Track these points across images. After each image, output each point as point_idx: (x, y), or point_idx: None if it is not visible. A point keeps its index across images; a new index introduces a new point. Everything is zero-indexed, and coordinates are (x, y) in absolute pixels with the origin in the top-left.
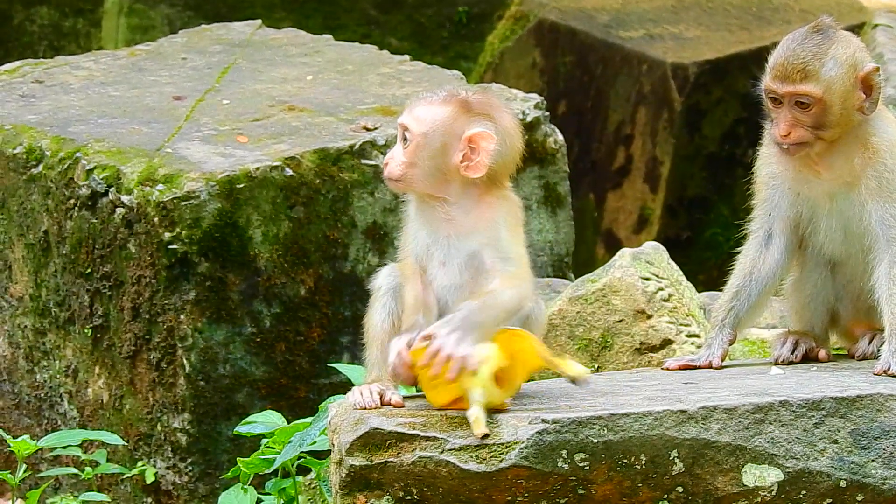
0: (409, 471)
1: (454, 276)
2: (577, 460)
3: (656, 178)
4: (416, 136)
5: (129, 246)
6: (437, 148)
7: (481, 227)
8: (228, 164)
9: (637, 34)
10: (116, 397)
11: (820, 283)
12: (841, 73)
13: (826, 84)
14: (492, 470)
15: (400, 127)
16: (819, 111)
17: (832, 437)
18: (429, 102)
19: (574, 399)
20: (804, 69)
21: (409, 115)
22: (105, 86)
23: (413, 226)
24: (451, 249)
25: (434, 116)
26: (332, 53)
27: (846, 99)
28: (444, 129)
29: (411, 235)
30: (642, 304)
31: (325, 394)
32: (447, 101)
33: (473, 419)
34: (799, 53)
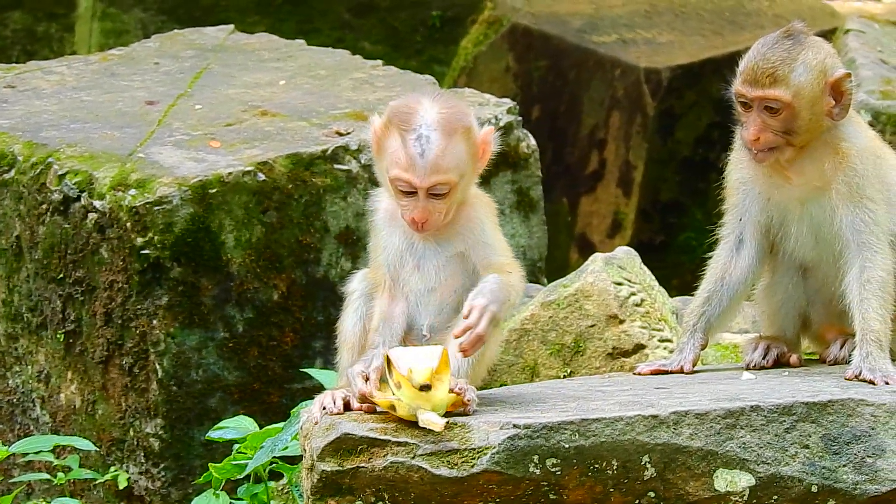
0: (380, 476)
1: (430, 280)
2: (548, 465)
3: (630, 182)
4: (455, 184)
5: (102, 251)
6: (469, 175)
7: (465, 229)
8: (201, 169)
9: (610, 39)
10: (89, 402)
11: (791, 288)
12: (810, 78)
13: (795, 89)
14: (463, 475)
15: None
16: (788, 116)
17: (803, 442)
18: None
19: (546, 404)
20: (773, 74)
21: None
22: (77, 91)
23: (384, 234)
24: (427, 252)
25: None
26: (305, 58)
27: (815, 104)
28: (472, 155)
29: (381, 244)
30: (615, 308)
31: (298, 399)
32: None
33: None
34: (769, 58)
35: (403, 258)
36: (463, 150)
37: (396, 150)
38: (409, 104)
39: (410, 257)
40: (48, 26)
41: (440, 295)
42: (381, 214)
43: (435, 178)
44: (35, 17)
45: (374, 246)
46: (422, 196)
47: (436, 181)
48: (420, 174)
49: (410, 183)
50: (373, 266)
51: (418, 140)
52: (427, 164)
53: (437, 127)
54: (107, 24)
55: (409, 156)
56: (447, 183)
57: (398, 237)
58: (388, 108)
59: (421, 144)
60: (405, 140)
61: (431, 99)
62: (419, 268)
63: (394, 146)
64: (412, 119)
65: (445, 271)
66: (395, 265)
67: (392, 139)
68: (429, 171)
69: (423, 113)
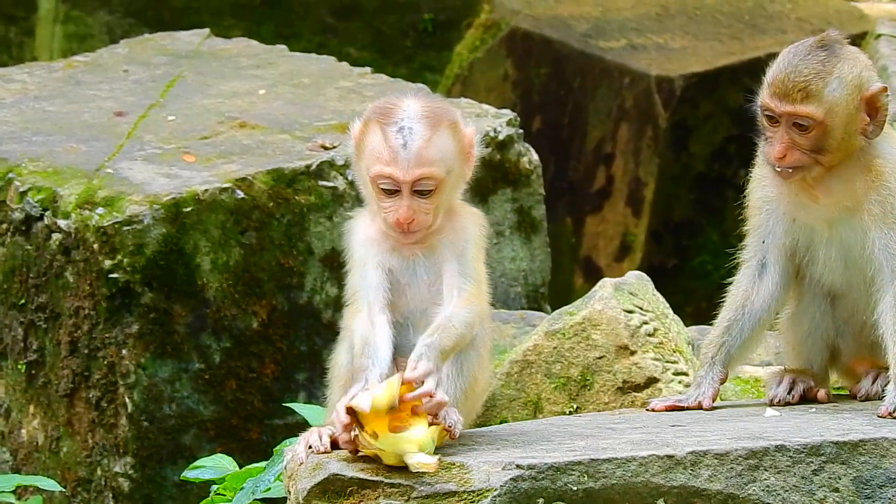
0: None
1: (422, 300)
2: None
3: (639, 200)
4: (441, 180)
5: (67, 274)
6: (456, 175)
7: (450, 241)
8: (174, 186)
9: (618, 44)
10: (53, 439)
11: (818, 317)
12: (845, 94)
13: (828, 106)
14: None
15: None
16: (819, 134)
17: (833, 485)
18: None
19: (552, 443)
20: (806, 88)
21: (424, 166)
22: (40, 100)
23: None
24: (417, 270)
25: (446, 147)
26: (287, 65)
27: (849, 122)
28: (458, 152)
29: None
30: (625, 339)
31: (279, 435)
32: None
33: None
34: (801, 70)
35: (394, 278)
36: (449, 144)
37: (377, 145)
38: (390, 101)
39: (399, 278)
40: (6, 30)
41: (432, 313)
42: (359, 237)
43: (419, 170)
44: None
45: (352, 271)
46: (406, 193)
47: (420, 174)
48: (403, 167)
49: (393, 178)
50: (351, 297)
51: (400, 132)
52: (411, 156)
53: (421, 119)
54: (70, 27)
55: (390, 148)
56: (433, 177)
57: (384, 258)
58: (366, 111)
59: (403, 136)
60: (386, 133)
61: (414, 96)
62: (409, 288)
63: (374, 142)
64: (393, 113)
65: (436, 289)
66: (380, 290)
67: (372, 135)
68: (413, 164)
69: (404, 107)
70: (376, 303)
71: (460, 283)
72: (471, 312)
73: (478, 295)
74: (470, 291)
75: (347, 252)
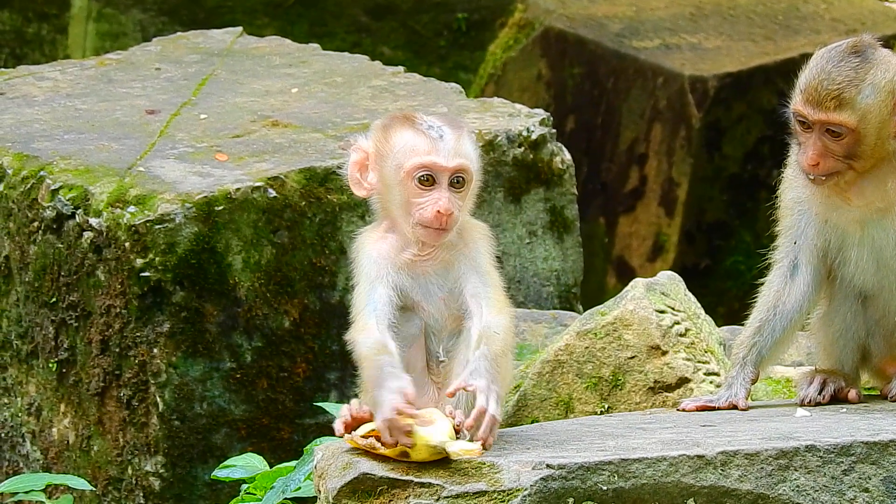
0: None
1: (440, 311)
2: None
3: (672, 201)
4: (472, 176)
5: (98, 273)
6: (476, 184)
7: (463, 256)
8: (206, 185)
9: (652, 44)
10: (83, 438)
11: (850, 318)
12: (878, 101)
13: (862, 113)
14: None
15: (451, 171)
16: (852, 141)
17: (863, 486)
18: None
19: (582, 442)
20: (839, 96)
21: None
22: (72, 98)
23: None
24: (430, 288)
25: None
26: (320, 64)
27: (882, 128)
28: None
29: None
30: (657, 339)
31: (310, 435)
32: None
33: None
34: (834, 77)
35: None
36: (474, 147)
37: (410, 141)
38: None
39: (412, 296)
40: (39, 27)
41: (451, 322)
42: (369, 254)
43: (459, 160)
44: (25, 18)
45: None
46: (444, 184)
47: (460, 164)
48: (444, 155)
49: (435, 166)
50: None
51: (431, 127)
52: (450, 146)
53: (444, 122)
54: (103, 25)
55: (429, 139)
56: (467, 171)
57: (395, 276)
58: (374, 126)
59: (437, 130)
60: (418, 129)
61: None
62: (425, 302)
63: (405, 139)
64: (415, 117)
65: (453, 302)
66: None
67: (399, 136)
68: (453, 153)
69: (422, 115)
70: (384, 319)
71: (485, 292)
72: (506, 317)
73: (504, 300)
74: (496, 298)
75: (355, 268)
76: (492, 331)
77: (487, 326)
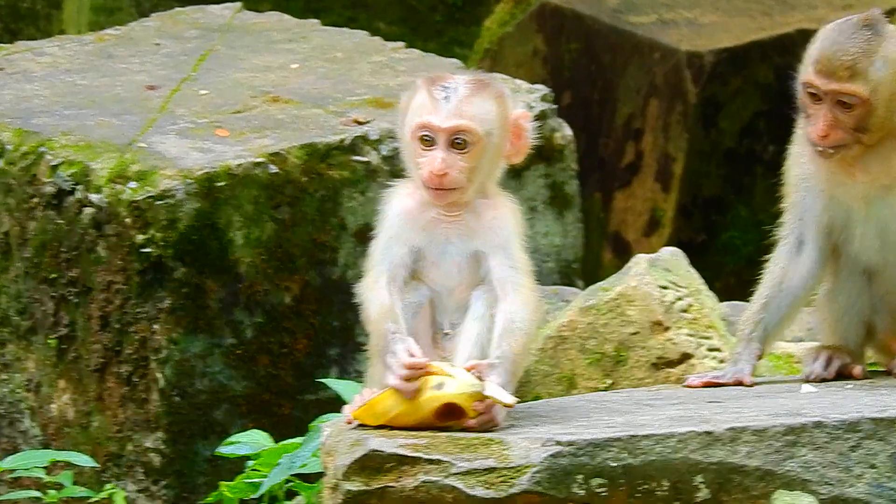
0: (411, 496)
1: (451, 278)
2: (593, 485)
3: (668, 176)
4: (478, 138)
5: (99, 249)
6: (496, 143)
7: (489, 229)
8: (207, 161)
9: (649, 19)
10: (83, 414)
11: (855, 294)
12: (889, 73)
13: (874, 85)
14: (501, 496)
15: (448, 132)
16: (863, 113)
17: (870, 462)
18: (472, 96)
19: (590, 419)
20: (853, 67)
21: (464, 117)
22: (71, 74)
23: (396, 232)
24: (448, 248)
25: (487, 110)
26: (320, 39)
27: (892, 100)
28: (501, 121)
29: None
30: (659, 314)
31: (311, 411)
32: (483, 87)
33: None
34: (848, 49)
35: (421, 253)
36: (491, 108)
37: (421, 102)
38: (442, 73)
39: (427, 255)
40: (33, 2)
41: (459, 292)
42: (394, 208)
43: (457, 121)
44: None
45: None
46: (442, 144)
47: (458, 125)
48: (441, 115)
49: (431, 125)
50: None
51: (444, 89)
52: (451, 106)
53: (465, 82)
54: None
55: (433, 100)
56: (469, 131)
57: (414, 234)
58: None
59: (446, 91)
60: (431, 91)
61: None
62: (438, 266)
63: (419, 100)
64: (441, 78)
65: (466, 270)
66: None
67: (418, 97)
68: (451, 113)
69: (453, 75)
70: (396, 279)
71: (513, 276)
72: (533, 311)
73: (532, 288)
74: (525, 285)
75: (379, 220)
76: (515, 325)
77: (512, 321)
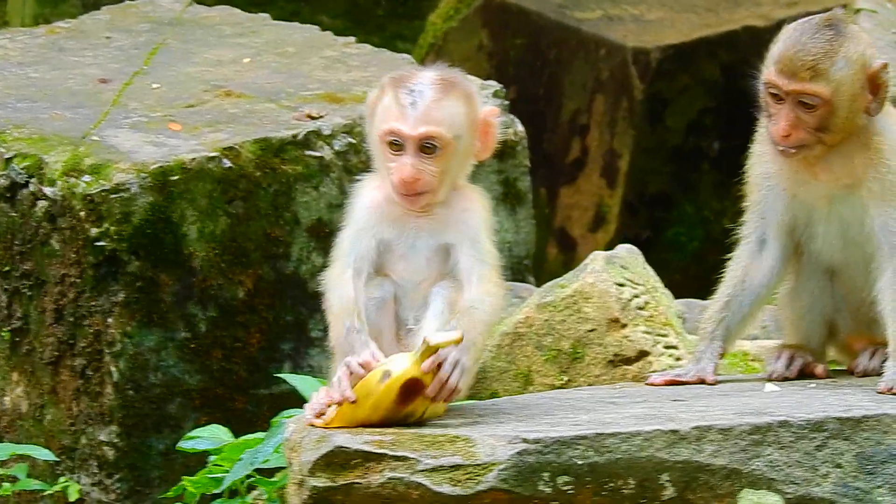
0: (376, 493)
1: (419, 272)
2: (560, 483)
3: (614, 172)
4: (448, 142)
5: (52, 242)
6: (466, 146)
7: (459, 221)
8: (161, 154)
9: (594, 15)
10: (37, 407)
11: (817, 293)
12: (851, 73)
13: (835, 85)
14: (467, 493)
15: (416, 139)
16: (825, 113)
17: (835, 461)
18: (440, 100)
19: (555, 417)
20: (814, 67)
21: (431, 124)
22: (23, 66)
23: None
24: (417, 242)
25: (456, 113)
26: (270, 34)
27: (854, 101)
28: (470, 122)
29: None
30: (616, 312)
31: (264, 405)
32: (450, 89)
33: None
34: (810, 49)
35: (389, 246)
36: (459, 111)
37: (388, 106)
38: (407, 70)
39: (395, 248)
40: None
41: (425, 287)
42: (363, 201)
43: (426, 128)
44: None
45: (346, 232)
46: (411, 150)
47: (426, 132)
48: (410, 122)
49: (400, 133)
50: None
51: (411, 93)
52: (418, 113)
53: (434, 83)
54: None
55: (400, 105)
56: (439, 137)
57: (382, 228)
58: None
59: (413, 96)
60: (398, 94)
61: (432, 68)
62: (406, 259)
63: (386, 103)
64: (408, 78)
65: (434, 264)
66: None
67: (385, 98)
68: (420, 120)
69: (420, 74)
70: (361, 273)
71: (479, 267)
72: (495, 302)
73: (496, 279)
74: (489, 276)
75: (347, 213)
76: (475, 310)
77: (473, 307)
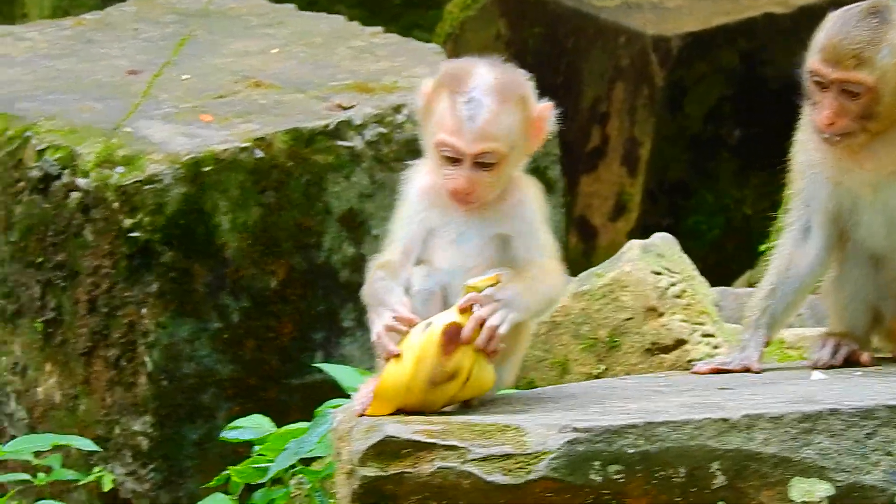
0: (427, 483)
1: (469, 259)
2: (610, 472)
3: (635, 160)
4: (504, 156)
5: (86, 233)
6: (520, 151)
7: (513, 211)
8: (193, 145)
9: (613, 3)
10: (70, 397)
11: (861, 281)
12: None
13: (880, 73)
14: (518, 482)
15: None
16: (869, 101)
17: (886, 449)
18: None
19: (603, 406)
20: (859, 55)
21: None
22: (52, 59)
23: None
24: (469, 230)
25: (513, 122)
26: (297, 24)
27: None
28: (526, 125)
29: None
30: (653, 300)
31: (296, 395)
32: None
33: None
34: (854, 37)
35: (439, 233)
36: (516, 120)
37: (444, 113)
38: (464, 66)
39: (447, 234)
40: None
41: (475, 275)
42: (414, 187)
43: (483, 145)
44: None
45: (397, 218)
46: (467, 164)
47: (483, 148)
48: (467, 139)
49: (456, 148)
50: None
51: (469, 103)
52: (476, 129)
53: (491, 92)
54: None
55: (456, 119)
56: (496, 152)
57: (435, 213)
58: (440, 70)
59: (471, 108)
60: (455, 102)
61: (489, 65)
62: (456, 245)
63: (442, 109)
64: (465, 81)
65: (487, 251)
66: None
67: (441, 102)
68: (476, 137)
69: (477, 76)
70: (409, 256)
71: (538, 256)
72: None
73: (559, 270)
74: (546, 263)
75: (400, 198)
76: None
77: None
